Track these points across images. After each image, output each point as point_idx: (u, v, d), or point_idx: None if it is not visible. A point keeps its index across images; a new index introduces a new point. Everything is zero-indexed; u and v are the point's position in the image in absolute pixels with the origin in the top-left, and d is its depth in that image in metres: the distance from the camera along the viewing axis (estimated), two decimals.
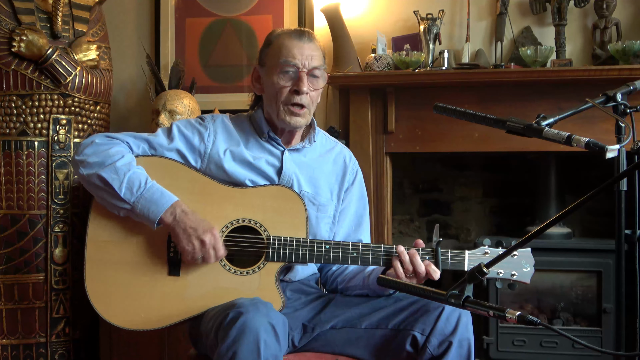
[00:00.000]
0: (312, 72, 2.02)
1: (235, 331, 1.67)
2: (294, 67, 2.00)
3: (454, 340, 1.86)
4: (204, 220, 1.93)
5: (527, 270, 1.91)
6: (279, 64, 2.02)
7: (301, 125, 2.06)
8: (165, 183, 1.97)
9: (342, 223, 2.16)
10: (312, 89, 2.03)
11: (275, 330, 1.71)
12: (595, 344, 2.94)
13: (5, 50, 2.75)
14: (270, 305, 1.80)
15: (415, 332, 1.90)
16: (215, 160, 2.04)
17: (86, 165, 1.97)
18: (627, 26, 3.06)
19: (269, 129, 2.09)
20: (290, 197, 1.99)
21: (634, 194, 1.48)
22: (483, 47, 3.17)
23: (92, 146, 1.99)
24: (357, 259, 1.95)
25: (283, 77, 2.01)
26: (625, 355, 1.47)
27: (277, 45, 2.05)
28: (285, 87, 2.01)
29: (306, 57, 2.01)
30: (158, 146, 2.05)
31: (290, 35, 2.05)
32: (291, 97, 2.01)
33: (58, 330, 2.84)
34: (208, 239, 1.90)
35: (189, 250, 1.91)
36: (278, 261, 1.95)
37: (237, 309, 1.71)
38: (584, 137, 1.44)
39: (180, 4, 3.50)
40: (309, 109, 2.04)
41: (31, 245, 2.80)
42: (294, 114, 2.02)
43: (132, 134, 2.07)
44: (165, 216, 1.91)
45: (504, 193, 3.40)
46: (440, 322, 1.88)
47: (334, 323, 2.00)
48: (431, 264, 1.90)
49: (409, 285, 1.48)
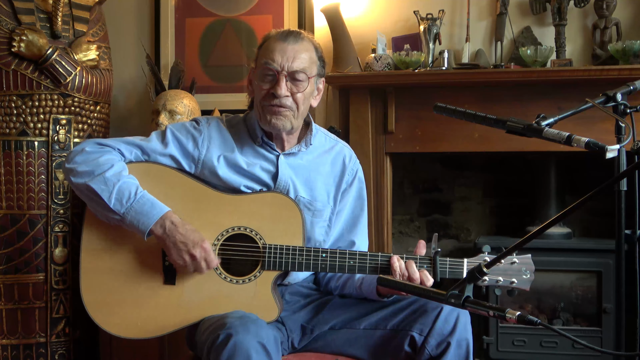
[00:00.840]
0: (293, 75, 1.97)
1: (226, 354, 1.67)
2: (273, 70, 1.96)
3: (453, 341, 1.86)
4: (194, 231, 1.91)
5: (527, 278, 1.90)
6: (261, 66, 1.99)
7: (284, 127, 1.99)
8: (160, 190, 1.96)
9: (337, 223, 2.14)
10: (295, 92, 1.97)
11: (266, 349, 1.71)
12: (595, 344, 2.94)
13: (5, 50, 2.75)
14: (261, 322, 1.80)
15: (413, 332, 1.90)
16: (209, 166, 2.02)
17: (76, 174, 1.95)
18: (627, 26, 3.06)
19: (263, 134, 2.05)
20: (286, 204, 1.97)
21: (634, 194, 1.48)
22: (483, 47, 3.17)
23: (82, 154, 1.96)
24: (354, 267, 1.93)
25: (264, 79, 1.98)
26: (625, 355, 1.47)
27: (265, 47, 2.02)
28: (264, 90, 1.98)
29: (287, 59, 1.96)
30: (151, 152, 2.02)
31: (277, 36, 2.01)
32: (270, 100, 1.97)
33: (58, 330, 2.84)
34: (198, 253, 1.89)
35: (180, 264, 1.92)
36: (274, 270, 1.94)
37: (226, 330, 1.71)
38: (584, 137, 1.44)
39: (180, 4, 3.50)
40: (294, 111, 1.98)
41: (31, 245, 2.80)
42: (272, 113, 1.97)
43: (124, 139, 2.04)
44: (155, 228, 1.90)
45: (504, 193, 3.40)
46: (438, 322, 1.87)
47: (332, 324, 2.00)
48: (424, 271, 1.88)
49: (409, 285, 1.48)
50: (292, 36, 2.00)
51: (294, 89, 1.98)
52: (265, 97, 1.98)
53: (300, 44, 2.00)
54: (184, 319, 1.96)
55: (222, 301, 1.94)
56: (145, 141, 2.03)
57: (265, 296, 1.94)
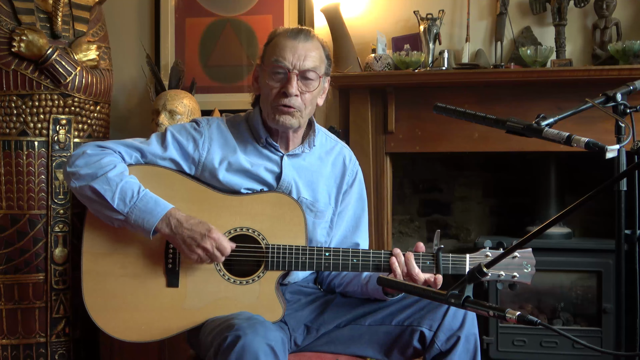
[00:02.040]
0: (304, 74, 1.96)
1: (234, 356, 1.66)
2: (284, 68, 1.95)
3: (462, 335, 1.88)
4: (199, 223, 1.89)
5: (528, 271, 1.91)
6: (271, 64, 1.98)
7: (292, 126, 1.99)
8: (161, 193, 1.95)
9: (340, 225, 2.13)
10: (304, 91, 1.97)
11: (274, 352, 1.70)
12: (595, 344, 2.94)
13: (5, 50, 2.75)
14: (268, 324, 1.79)
15: (423, 328, 1.91)
16: (210, 168, 2.01)
17: (78, 177, 1.93)
18: (627, 26, 3.06)
19: (267, 135, 2.04)
20: (288, 204, 1.97)
21: (634, 194, 1.48)
22: (483, 47, 3.17)
23: (83, 157, 1.95)
24: (358, 265, 1.93)
25: (274, 78, 1.97)
26: (625, 355, 1.47)
27: (274, 44, 2.00)
28: (274, 88, 1.96)
29: (298, 57, 1.95)
30: (151, 155, 2.01)
31: (287, 34, 1.99)
32: (280, 99, 1.96)
33: (58, 330, 2.84)
34: (209, 244, 1.88)
35: (195, 260, 1.91)
36: (277, 270, 1.94)
37: (235, 332, 1.70)
38: (584, 137, 1.44)
39: (180, 4, 3.50)
40: (301, 111, 1.98)
41: (31, 245, 2.80)
42: (282, 112, 1.96)
43: (124, 142, 2.03)
44: (161, 226, 1.89)
45: (503, 193, 3.40)
46: (447, 317, 1.89)
47: (338, 322, 2.00)
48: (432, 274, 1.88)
49: (409, 285, 1.48)
50: (303, 34, 1.99)
51: (304, 88, 1.97)
52: (276, 96, 1.97)
53: (311, 43, 1.99)
54: (188, 321, 1.95)
55: (226, 302, 1.93)
56: (145, 144, 2.02)
57: (269, 296, 1.94)
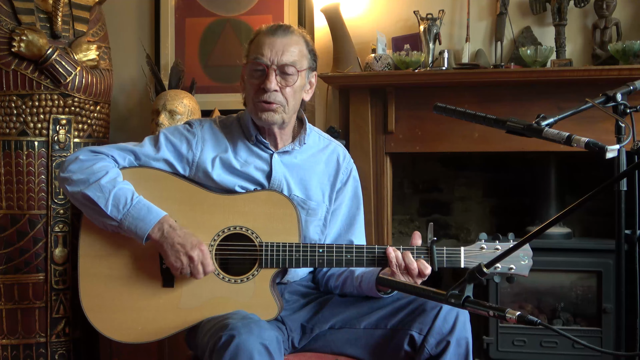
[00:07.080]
0: (282, 69, 1.96)
1: (229, 355, 1.67)
2: (263, 65, 1.96)
3: (452, 340, 1.86)
4: (192, 235, 1.91)
5: (525, 263, 1.90)
6: (251, 62, 1.99)
7: (275, 122, 1.99)
8: (154, 194, 1.96)
9: (334, 223, 2.14)
10: (284, 86, 1.97)
11: (269, 351, 1.70)
12: (595, 344, 2.94)
13: (5, 50, 2.75)
14: (263, 323, 1.79)
15: (412, 331, 1.90)
16: (203, 168, 2.02)
17: (71, 183, 1.95)
18: (627, 26, 3.06)
19: (257, 132, 2.05)
20: (281, 202, 1.97)
21: (634, 194, 1.48)
22: (483, 47, 3.16)
23: (76, 162, 1.96)
24: (352, 261, 1.93)
25: (254, 75, 1.98)
26: (625, 355, 1.47)
27: (255, 42, 2.02)
28: (255, 85, 1.98)
29: (276, 52, 1.96)
30: (144, 157, 2.02)
31: (266, 31, 2.01)
32: (260, 95, 1.97)
33: (58, 330, 2.84)
34: (196, 255, 1.89)
35: (177, 267, 1.91)
36: (272, 267, 1.94)
37: (229, 331, 1.70)
38: (584, 137, 1.44)
39: (180, 4, 3.50)
40: (284, 107, 1.98)
41: (31, 245, 2.80)
42: (264, 110, 1.97)
43: (117, 145, 2.04)
44: (153, 232, 1.90)
45: (504, 193, 3.40)
46: (437, 321, 1.87)
47: (332, 323, 1.99)
48: (422, 261, 1.89)
49: (409, 285, 1.48)
50: (281, 30, 2.00)
51: (284, 83, 1.97)
52: (256, 93, 1.98)
53: (290, 38, 2.00)
54: (184, 321, 1.96)
55: (221, 301, 1.94)
56: (138, 146, 2.04)
57: (264, 294, 1.94)
